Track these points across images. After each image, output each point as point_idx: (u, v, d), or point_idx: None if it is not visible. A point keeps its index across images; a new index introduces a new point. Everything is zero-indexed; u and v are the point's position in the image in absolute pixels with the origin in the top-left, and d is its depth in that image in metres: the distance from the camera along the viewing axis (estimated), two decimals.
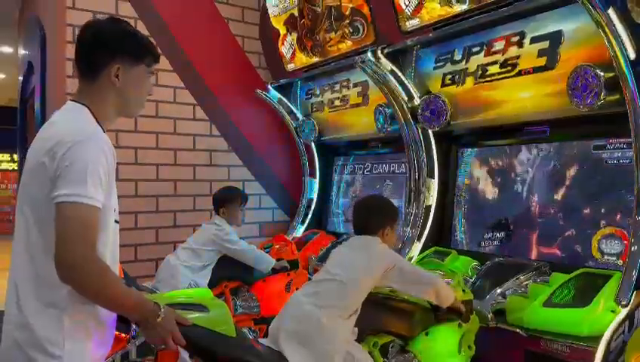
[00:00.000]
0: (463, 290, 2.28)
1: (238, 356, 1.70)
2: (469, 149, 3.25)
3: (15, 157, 12.31)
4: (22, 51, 6.25)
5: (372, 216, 2.24)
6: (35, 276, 1.36)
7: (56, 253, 1.28)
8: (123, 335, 1.83)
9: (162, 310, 1.42)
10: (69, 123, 1.44)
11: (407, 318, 2.17)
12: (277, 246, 3.81)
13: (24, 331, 1.34)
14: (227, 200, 3.48)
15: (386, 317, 2.22)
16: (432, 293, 2.09)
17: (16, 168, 9.42)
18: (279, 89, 4.44)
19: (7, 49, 8.38)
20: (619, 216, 2.46)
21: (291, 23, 4.09)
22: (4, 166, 15.24)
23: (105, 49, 1.48)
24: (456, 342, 2.18)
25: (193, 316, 1.57)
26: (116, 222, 1.47)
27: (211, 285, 3.35)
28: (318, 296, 2.03)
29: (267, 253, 3.62)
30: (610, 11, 2.12)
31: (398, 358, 2.14)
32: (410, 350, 2.17)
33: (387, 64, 3.29)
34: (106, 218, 1.39)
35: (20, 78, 6.19)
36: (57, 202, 1.30)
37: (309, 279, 3.60)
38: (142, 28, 4.00)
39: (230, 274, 3.49)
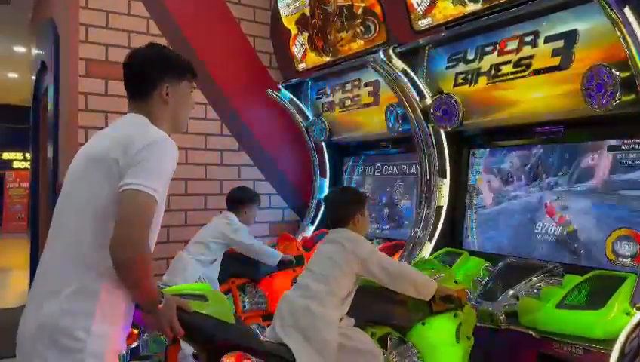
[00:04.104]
0: (456, 281, 2.34)
1: (237, 341, 1.76)
2: (482, 149, 3.22)
3: (28, 156, 12.42)
4: (35, 51, 6.30)
5: (339, 209, 2.32)
6: (74, 263, 1.44)
7: (116, 232, 1.38)
8: (134, 330, 1.85)
9: (164, 297, 1.49)
10: (141, 127, 1.55)
11: (403, 308, 2.21)
12: (282, 247, 3.82)
13: (51, 317, 1.39)
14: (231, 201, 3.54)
15: (383, 308, 2.26)
16: (409, 287, 2.14)
17: (28, 167, 9.49)
18: (290, 89, 4.44)
19: (21, 49, 8.47)
20: (633, 217, 2.43)
21: (302, 23, 4.09)
22: (17, 165, 15.39)
23: (154, 71, 1.63)
24: (453, 331, 2.21)
25: (194, 304, 1.63)
26: None
27: (218, 281, 3.36)
28: (303, 289, 2.11)
29: None
30: (626, 10, 2.11)
31: (397, 349, 2.18)
32: (408, 340, 2.21)
33: (399, 64, 3.28)
34: (157, 214, 1.49)
35: (33, 77, 6.24)
36: (126, 188, 1.40)
37: None
38: (153, 28, 4.02)
39: (237, 270, 3.50)
